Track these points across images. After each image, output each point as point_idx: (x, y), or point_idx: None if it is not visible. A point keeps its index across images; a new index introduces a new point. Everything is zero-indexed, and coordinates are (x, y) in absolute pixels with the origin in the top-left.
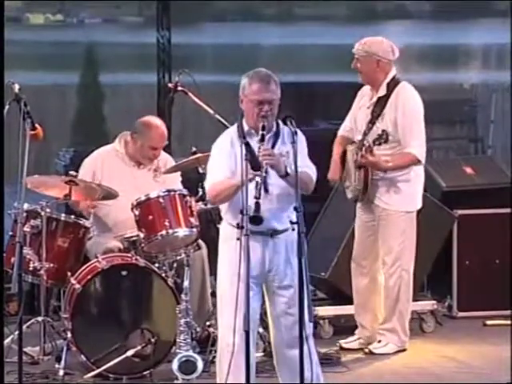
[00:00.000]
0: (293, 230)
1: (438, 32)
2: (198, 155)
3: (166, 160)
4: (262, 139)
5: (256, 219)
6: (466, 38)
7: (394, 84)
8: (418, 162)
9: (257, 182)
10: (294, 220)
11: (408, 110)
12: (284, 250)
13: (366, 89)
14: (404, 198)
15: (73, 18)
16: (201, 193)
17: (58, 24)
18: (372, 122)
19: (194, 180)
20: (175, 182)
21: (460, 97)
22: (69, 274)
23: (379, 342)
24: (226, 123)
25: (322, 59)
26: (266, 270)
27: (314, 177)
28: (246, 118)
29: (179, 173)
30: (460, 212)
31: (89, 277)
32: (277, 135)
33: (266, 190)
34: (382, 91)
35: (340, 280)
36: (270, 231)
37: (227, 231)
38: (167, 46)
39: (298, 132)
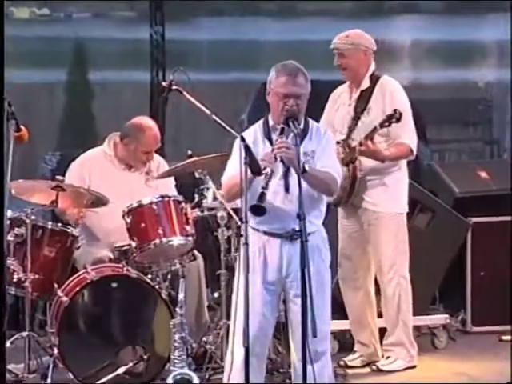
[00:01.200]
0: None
1: (450, 27)
2: (194, 159)
3: (158, 163)
4: (282, 132)
5: (257, 209)
6: (480, 34)
7: (375, 77)
8: (411, 153)
9: (266, 173)
10: (313, 225)
11: (397, 102)
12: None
13: (340, 90)
14: (394, 199)
15: (60, 12)
16: (197, 199)
17: (44, 19)
18: (356, 118)
19: (189, 185)
20: (169, 187)
21: (474, 96)
22: (55, 285)
23: (387, 358)
24: (224, 124)
25: (326, 56)
26: (283, 275)
27: (339, 179)
28: (271, 112)
29: (173, 177)
30: (474, 220)
31: (77, 289)
32: (304, 133)
33: (287, 190)
34: (365, 84)
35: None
36: (290, 234)
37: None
38: (161, 43)
39: (327, 131)
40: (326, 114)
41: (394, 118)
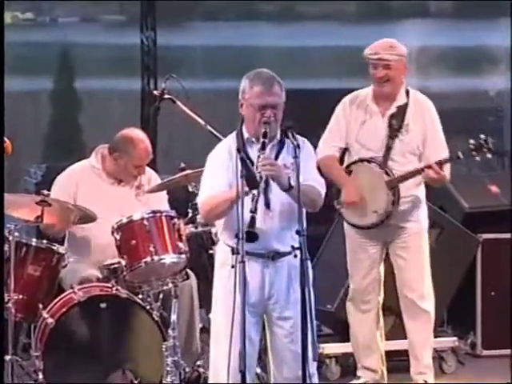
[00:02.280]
0: (295, 256)
1: (459, 32)
2: (187, 172)
3: (150, 176)
4: (263, 147)
5: (250, 235)
6: (491, 39)
7: (407, 91)
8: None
9: (253, 195)
10: (295, 241)
11: (436, 120)
12: (286, 276)
13: (360, 99)
14: (425, 213)
15: (45, 16)
16: (190, 214)
17: (28, 23)
18: (393, 136)
19: (182, 200)
20: (161, 201)
21: (484, 105)
22: (40, 306)
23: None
24: (219, 135)
25: (328, 63)
26: (265, 297)
27: (323, 191)
28: (246, 124)
29: (165, 192)
30: (484, 236)
31: (63, 310)
32: (281, 144)
33: (268, 206)
34: (402, 99)
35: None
36: (271, 253)
37: (223, 254)
38: (152, 48)
39: (305, 141)
40: (342, 126)
41: (484, 148)
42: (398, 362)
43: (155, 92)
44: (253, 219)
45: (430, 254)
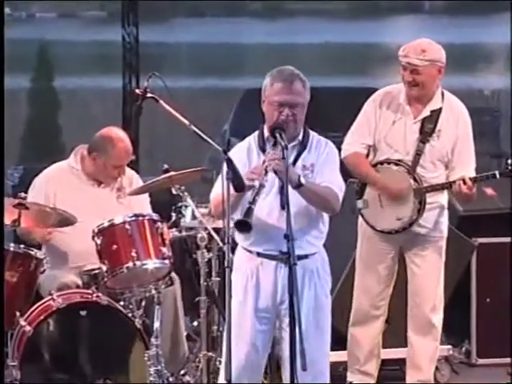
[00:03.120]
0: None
1: (453, 28)
2: (171, 173)
3: (131, 178)
4: (275, 144)
5: (242, 225)
6: (486, 36)
7: (442, 94)
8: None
9: (254, 187)
10: (312, 245)
11: (468, 128)
12: (301, 280)
13: (390, 97)
14: (446, 223)
15: (21, 11)
16: (174, 218)
17: (4, 19)
18: (425, 141)
19: (165, 203)
20: (143, 204)
21: (480, 105)
22: (17, 314)
23: None
24: (204, 136)
25: (318, 60)
26: (277, 302)
27: (341, 195)
28: (266, 122)
29: (147, 194)
30: (479, 240)
31: (41, 317)
32: (303, 145)
33: (283, 207)
34: (437, 103)
35: (339, 320)
36: (285, 255)
37: (238, 256)
38: (134, 45)
39: (328, 143)
40: (371, 123)
41: None
42: (387, 372)
43: (137, 90)
44: (249, 209)
45: None
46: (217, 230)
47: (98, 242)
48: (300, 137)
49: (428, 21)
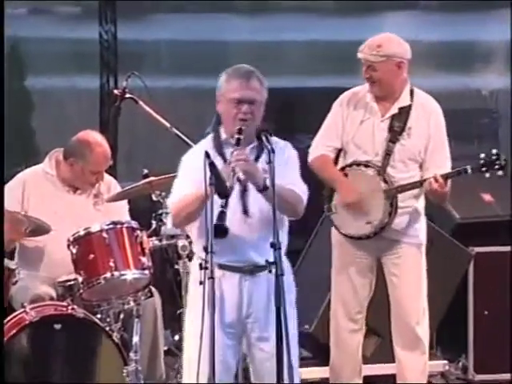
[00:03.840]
0: (270, 271)
1: (449, 26)
2: (151, 179)
3: (109, 184)
4: (238, 143)
5: (219, 229)
6: (484, 33)
7: (411, 91)
8: None
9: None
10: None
11: (443, 126)
12: (266, 292)
13: (359, 96)
14: (423, 229)
15: None
16: (154, 226)
17: None
18: (394, 140)
19: (145, 210)
20: (122, 211)
21: (477, 106)
22: None
23: None
24: (186, 139)
25: (304, 59)
26: (243, 315)
27: (304, 197)
28: (223, 123)
29: (126, 201)
30: (477, 250)
31: (14, 331)
32: (261, 147)
33: (246, 212)
34: (405, 100)
35: (328, 334)
36: (250, 266)
37: (197, 268)
38: (112, 43)
39: (288, 145)
40: (340, 123)
41: (496, 164)
42: None
43: (115, 91)
44: (222, 213)
45: None
46: None
47: (74, 251)
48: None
49: (422, 18)
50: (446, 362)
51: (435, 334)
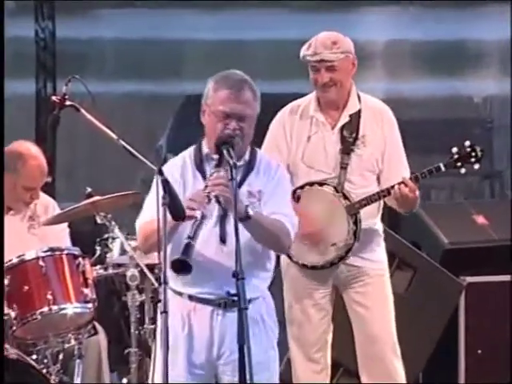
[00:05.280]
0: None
1: (437, 22)
2: (95, 198)
3: (47, 204)
4: (219, 164)
5: (180, 265)
6: (477, 32)
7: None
8: None
9: (195, 218)
10: (256, 289)
11: (395, 130)
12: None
13: (302, 111)
14: (384, 253)
15: None
16: (99, 252)
17: None
18: (347, 151)
19: (88, 234)
20: (61, 236)
21: (469, 115)
22: None
23: None
24: (136, 152)
25: (274, 60)
26: (214, 356)
27: (293, 231)
28: (207, 136)
29: (66, 224)
30: (469, 279)
31: None
32: (249, 167)
33: (223, 241)
34: (354, 106)
35: None
36: (223, 299)
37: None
38: (50, 43)
39: (280, 166)
40: (284, 143)
41: (472, 157)
42: None
43: (54, 97)
44: (188, 246)
45: (399, 303)
46: (151, 268)
47: (6, 282)
48: (247, 156)
49: (406, 14)
50: None
51: (421, 376)
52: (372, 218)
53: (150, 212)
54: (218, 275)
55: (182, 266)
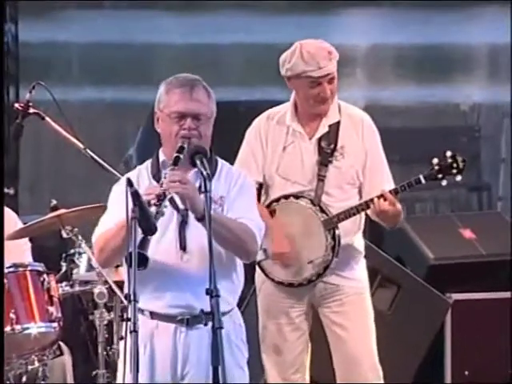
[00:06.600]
0: (205, 324)
1: (422, 25)
2: (61, 211)
3: (8, 219)
4: (175, 163)
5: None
6: (464, 35)
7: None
8: None
9: (156, 214)
10: (223, 300)
11: (377, 141)
12: (206, 347)
13: (278, 120)
14: (365, 271)
15: None
16: (64, 268)
17: None
18: (325, 163)
19: (53, 249)
20: (23, 251)
21: (456, 123)
22: None
23: None
24: (103, 163)
25: (247, 66)
26: (178, 377)
27: (258, 234)
28: (163, 143)
29: (27, 239)
30: (455, 297)
31: None
32: (210, 172)
33: (183, 248)
34: (335, 116)
35: None
36: (186, 316)
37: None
38: (13, 47)
39: (242, 174)
40: (259, 154)
41: (453, 168)
42: None
43: (16, 105)
44: (145, 240)
45: (382, 321)
46: (120, 285)
47: None
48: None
49: (389, 16)
50: None
51: None
52: (351, 235)
53: (107, 223)
54: (179, 285)
55: (138, 260)
